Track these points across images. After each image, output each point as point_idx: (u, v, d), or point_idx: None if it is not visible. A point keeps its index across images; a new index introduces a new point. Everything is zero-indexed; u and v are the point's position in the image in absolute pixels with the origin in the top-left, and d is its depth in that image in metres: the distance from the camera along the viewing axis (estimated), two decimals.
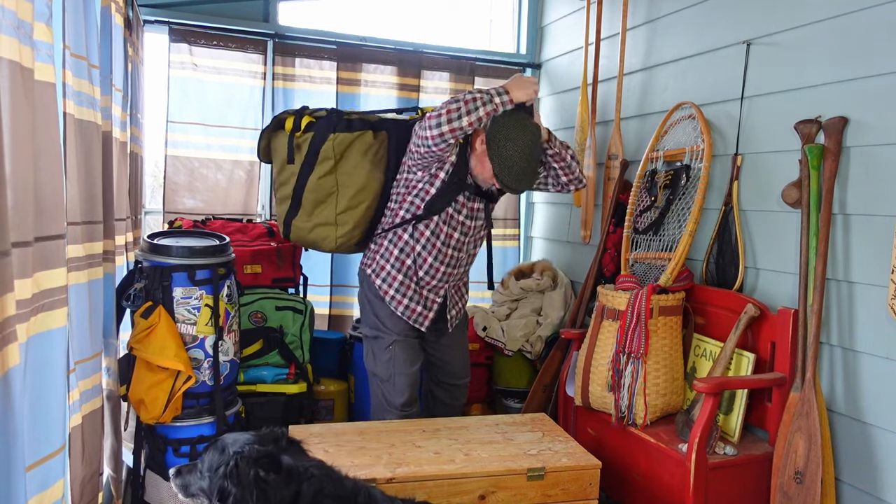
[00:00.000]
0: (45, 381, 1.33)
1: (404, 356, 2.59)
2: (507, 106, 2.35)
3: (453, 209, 2.53)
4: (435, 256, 2.55)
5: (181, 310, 2.29)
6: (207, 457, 1.63)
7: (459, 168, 2.51)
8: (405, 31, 4.21)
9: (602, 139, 3.40)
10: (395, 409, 2.60)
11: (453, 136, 2.31)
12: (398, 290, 2.58)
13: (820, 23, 2.27)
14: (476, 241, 2.67)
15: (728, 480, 2.21)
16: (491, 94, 2.33)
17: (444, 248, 2.55)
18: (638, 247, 2.82)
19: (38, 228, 1.26)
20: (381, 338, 2.61)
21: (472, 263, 2.75)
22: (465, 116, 2.28)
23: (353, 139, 2.58)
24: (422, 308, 2.61)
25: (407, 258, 2.56)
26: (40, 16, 1.26)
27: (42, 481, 1.31)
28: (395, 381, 2.59)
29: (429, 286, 2.60)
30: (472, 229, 2.61)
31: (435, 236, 2.53)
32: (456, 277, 2.66)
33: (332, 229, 2.63)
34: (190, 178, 3.49)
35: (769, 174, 2.45)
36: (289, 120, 2.63)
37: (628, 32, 3.19)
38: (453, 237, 2.56)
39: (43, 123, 1.27)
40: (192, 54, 3.43)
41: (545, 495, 2.12)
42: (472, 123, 2.30)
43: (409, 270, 2.57)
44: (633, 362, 2.41)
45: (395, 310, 2.58)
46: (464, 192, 2.53)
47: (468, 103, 2.29)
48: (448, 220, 2.53)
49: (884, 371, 2.05)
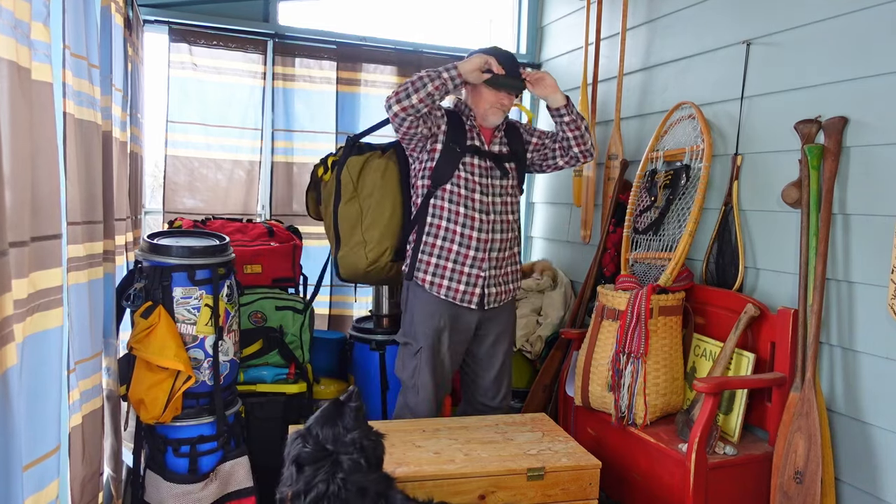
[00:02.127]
0: (42, 382, 1.33)
1: (430, 366, 2.55)
2: (456, 80, 2.41)
3: (464, 172, 2.52)
4: (462, 223, 2.51)
5: (181, 310, 2.29)
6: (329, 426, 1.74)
7: (454, 133, 2.53)
8: (405, 31, 4.21)
9: (602, 139, 3.40)
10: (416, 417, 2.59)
11: (407, 114, 2.39)
12: (435, 274, 2.54)
13: (820, 23, 2.27)
14: (507, 203, 2.60)
15: (728, 480, 2.20)
16: (439, 71, 2.40)
17: (468, 212, 2.51)
18: (638, 247, 2.81)
19: (35, 228, 1.26)
20: (410, 345, 2.61)
21: (513, 233, 2.64)
22: (414, 94, 2.37)
23: (364, 161, 2.69)
24: (465, 286, 2.53)
25: (436, 239, 2.54)
26: (38, 15, 1.26)
27: (38, 481, 1.31)
28: (418, 389, 2.58)
29: (469, 260, 2.52)
30: (493, 188, 2.56)
31: (455, 203, 2.51)
32: (498, 245, 2.56)
33: (361, 247, 2.68)
34: (190, 178, 3.49)
35: (769, 174, 2.45)
36: (320, 169, 2.83)
37: (628, 32, 3.19)
38: (474, 199, 2.52)
39: (40, 123, 1.27)
40: (192, 54, 3.43)
41: (545, 495, 2.11)
42: (423, 100, 2.37)
43: (441, 251, 2.53)
44: (633, 362, 2.41)
45: (437, 294, 2.53)
46: (467, 152, 2.53)
47: (415, 82, 2.38)
48: (463, 183, 2.51)
49: (884, 371, 2.05)
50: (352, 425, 1.72)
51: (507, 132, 2.68)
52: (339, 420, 1.73)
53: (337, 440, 1.70)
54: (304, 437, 1.72)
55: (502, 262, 2.61)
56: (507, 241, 2.61)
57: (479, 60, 2.43)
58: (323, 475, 1.64)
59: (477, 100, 2.56)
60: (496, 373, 2.68)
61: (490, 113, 2.55)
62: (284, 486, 1.70)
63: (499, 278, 2.60)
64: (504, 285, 2.63)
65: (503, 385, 2.71)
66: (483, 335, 2.65)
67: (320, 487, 1.63)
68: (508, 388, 2.75)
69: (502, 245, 2.59)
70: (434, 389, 2.57)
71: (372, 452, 1.72)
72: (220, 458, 2.36)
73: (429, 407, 2.58)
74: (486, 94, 2.53)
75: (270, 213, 3.65)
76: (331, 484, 1.63)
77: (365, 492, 1.66)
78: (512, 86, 2.52)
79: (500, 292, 2.61)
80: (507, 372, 2.72)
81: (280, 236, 3.11)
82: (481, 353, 2.67)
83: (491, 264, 2.56)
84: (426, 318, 2.56)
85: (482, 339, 2.66)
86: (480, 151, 2.56)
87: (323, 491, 1.62)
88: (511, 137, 2.68)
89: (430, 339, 2.55)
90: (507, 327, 2.71)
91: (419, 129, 2.47)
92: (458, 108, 2.64)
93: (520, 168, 2.69)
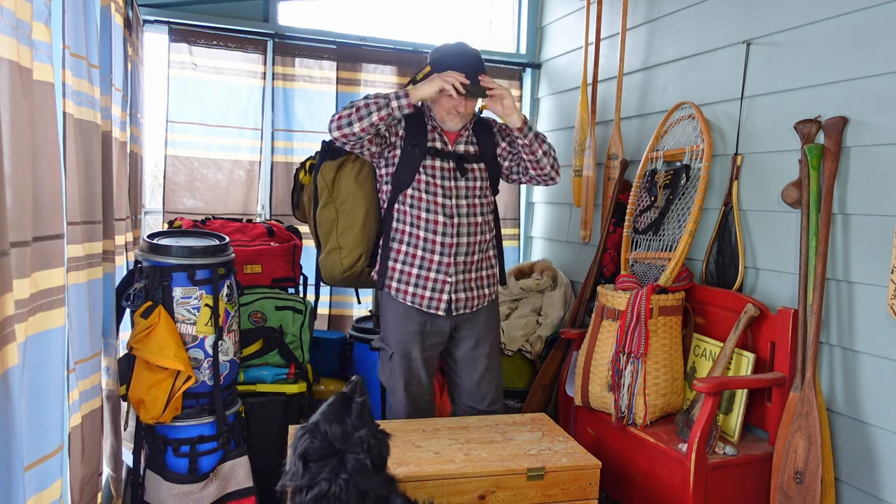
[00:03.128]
0: (43, 381, 1.33)
1: (402, 371, 2.53)
2: (404, 109, 2.32)
3: (425, 175, 2.46)
4: (426, 228, 2.45)
5: (181, 309, 2.29)
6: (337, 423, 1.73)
7: (413, 134, 2.48)
8: (405, 31, 4.21)
9: (602, 139, 3.40)
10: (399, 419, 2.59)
11: (348, 140, 2.35)
12: (400, 280, 2.51)
13: (820, 23, 2.27)
14: (474, 205, 2.51)
15: (728, 480, 2.20)
16: (388, 99, 2.31)
17: (431, 216, 2.45)
18: (638, 247, 2.81)
19: (37, 228, 1.26)
20: (384, 349, 2.60)
21: (483, 235, 2.53)
22: (357, 123, 2.30)
23: (338, 165, 2.63)
24: (431, 292, 2.47)
25: (401, 244, 2.50)
26: (39, 15, 1.26)
27: (40, 481, 1.31)
28: (395, 393, 2.58)
29: (434, 265, 2.46)
30: (457, 189, 2.48)
31: (416, 208, 2.46)
32: (464, 250, 2.48)
33: (336, 253, 2.65)
34: (190, 177, 3.49)
35: (769, 174, 2.45)
36: (300, 173, 2.80)
37: (628, 32, 3.19)
38: (437, 202, 2.45)
39: (41, 123, 1.27)
40: (192, 54, 3.43)
41: (545, 495, 2.11)
42: (365, 129, 2.31)
43: (406, 257, 2.50)
44: (633, 362, 2.41)
45: (403, 301, 2.50)
46: (427, 154, 2.47)
47: (360, 109, 2.31)
48: (424, 186, 2.45)
49: (884, 371, 2.05)
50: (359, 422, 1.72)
51: (477, 131, 2.59)
52: (346, 416, 1.73)
53: (345, 438, 1.69)
54: (312, 432, 1.71)
55: (471, 266, 2.52)
56: (475, 245, 2.51)
57: (435, 86, 2.33)
58: (327, 473, 1.64)
59: (435, 104, 2.49)
60: (479, 376, 2.61)
61: (448, 118, 2.48)
62: (287, 479, 1.70)
63: (468, 283, 2.52)
64: (475, 290, 2.55)
65: (490, 389, 2.63)
66: (461, 338, 2.59)
67: (322, 486, 1.63)
68: (497, 392, 2.67)
69: (470, 249, 2.50)
70: (408, 392, 2.56)
71: (377, 452, 1.72)
72: (220, 458, 2.36)
73: (407, 409, 2.56)
74: (442, 99, 2.44)
75: (270, 213, 3.65)
76: (332, 484, 1.63)
77: (365, 495, 1.65)
78: (469, 91, 2.38)
79: (470, 297, 2.53)
80: (494, 375, 2.64)
81: (280, 236, 3.11)
82: (459, 355, 2.62)
83: (458, 269, 2.48)
84: (396, 322, 2.53)
85: (460, 341, 2.60)
86: (442, 153, 2.49)
87: (325, 490, 1.62)
88: (481, 136, 2.58)
89: (400, 344, 2.53)
90: (488, 331, 2.62)
91: (364, 150, 2.44)
92: (421, 107, 2.56)
93: (491, 168, 2.58)
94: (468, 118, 2.52)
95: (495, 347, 2.67)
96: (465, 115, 2.49)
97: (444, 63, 2.42)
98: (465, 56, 2.46)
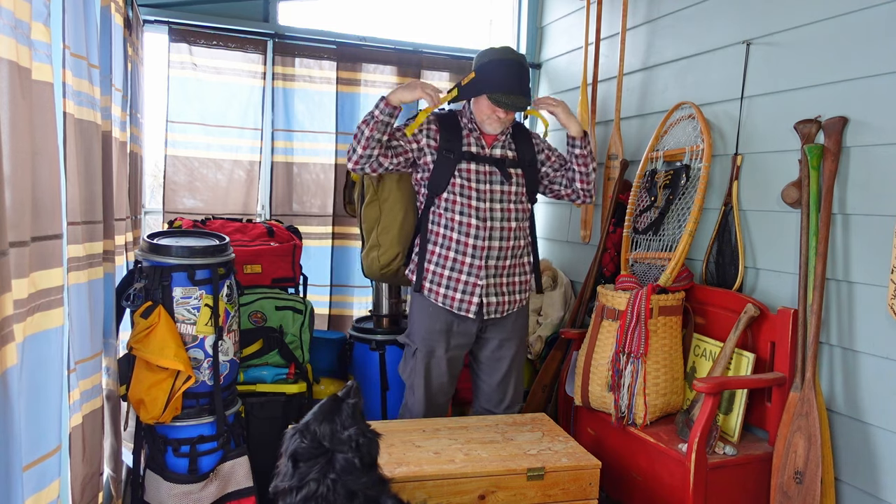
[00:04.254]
0: (42, 382, 1.33)
1: (424, 368, 2.55)
2: (385, 111, 2.37)
3: (460, 178, 2.48)
4: (459, 231, 2.48)
5: (181, 310, 2.29)
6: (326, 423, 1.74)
7: (448, 139, 2.50)
8: (405, 31, 4.21)
9: (602, 139, 3.40)
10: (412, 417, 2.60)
11: (362, 165, 2.44)
12: (433, 281, 2.53)
13: (820, 23, 2.27)
14: (509, 210, 2.51)
15: (728, 480, 2.20)
16: (372, 112, 2.39)
17: (465, 219, 2.47)
18: (638, 247, 2.81)
19: (36, 228, 1.27)
20: (409, 345, 2.63)
21: (517, 241, 2.54)
22: (359, 147, 2.40)
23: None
24: (462, 294, 2.49)
25: (435, 246, 2.53)
26: (38, 15, 1.26)
27: (39, 481, 1.31)
28: (414, 390, 2.59)
29: (466, 267, 2.48)
30: (492, 193, 2.49)
31: (451, 211, 2.49)
32: (496, 254, 2.49)
33: (375, 250, 2.70)
34: (190, 177, 3.49)
35: (769, 174, 2.45)
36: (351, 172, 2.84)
37: (628, 32, 3.19)
38: (471, 206, 2.47)
39: (41, 123, 1.27)
40: (192, 54, 3.43)
41: (545, 495, 2.11)
42: (367, 146, 2.39)
43: (439, 258, 2.52)
44: (633, 362, 2.41)
45: (435, 301, 2.52)
46: (462, 159, 2.49)
47: (357, 136, 2.41)
48: (459, 190, 2.48)
49: (884, 371, 2.05)
50: (349, 422, 1.72)
51: (516, 137, 2.62)
52: (336, 416, 1.73)
53: (333, 437, 1.70)
54: (302, 432, 1.72)
55: (503, 270, 2.53)
56: (508, 250, 2.52)
57: (414, 94, 2.39)
58: (315, 474, 1.64)
59: (476, 107, 2.52)
60: (500, 378, 2.62)
61: (486, 123, 2.50)
62: (278, 480, 1.71)
63: (500, 287, 2.53)
64: (507, 295, 2.55)
65: (508, 392, 2.64)
66: (487, 339, 2.61)
67: (311, 486, 1.63)
68: (516, 395, 2.68)
69: (502, 253, 2.51)
70: (428, 391, 2.57)
71: (367, 451, 1.72)
72: (219, 458, 2.36)
73: (423, 407, 2.58)
74: (483, 105, 2.47)
75: (270, 213, 3.65)
76: (321, 485, 1.63)
77: (354, 495, 1.65)
78: (509, 104, 2.40)
79: (501, 303, 2.54)
80: (514, 379, 2.65)
81: (280, 236, 3.11)
82: (483, 356, 2.64)
83: (489, 272, 2.50)
84: (424, 320, 2.56)
85: (485, 342, 2.62)
86: (478, 157, 2.51)
87: (313, 490, 1.62)
88: (520, 143, 2.61)
89: (425, 341, 2.55)
90: (514, 333, 2.63)
91: (388, 165, 2.47)
92: (462, 111, 2.60)
93: (528, 175, 2.59)
94: (508, 123, 2.54)
95: (520, 352, 2.68)
96: (506, 121, 2.51)
97: (486, 72, 2.41)
98: (509, 67, 2.42)
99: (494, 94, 2.39)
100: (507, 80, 2.39)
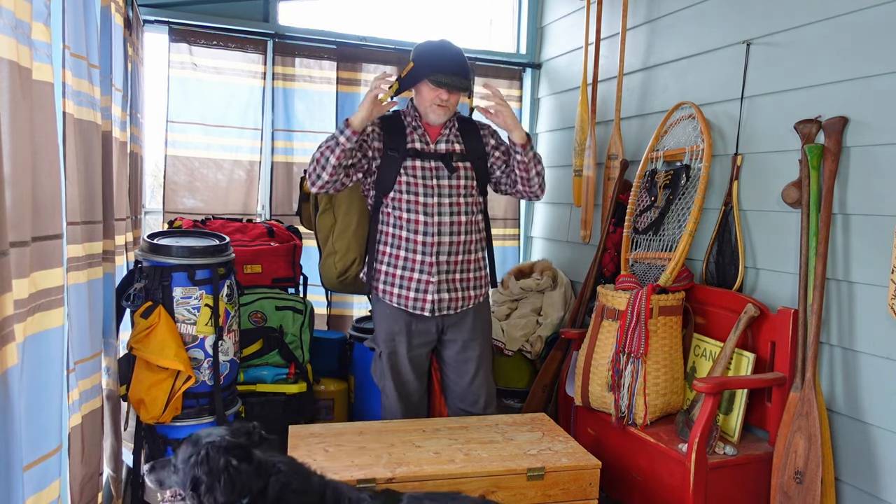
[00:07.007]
0: (42, 381, 1.33)
1: (391, 370, 2.54)
2: (352, 139, 2.28)
3: (406, 176, 2.43)
4: (408, 228, 2.43)
5: (181, 310, 2.29)
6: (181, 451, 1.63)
7: (391, 139, 2.46)
8: (405, 31, 4.21)
9: (602, 139, 3.40)
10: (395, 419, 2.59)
11: (327, 188, 2.37)
12: (386, 282, 2.50)
13: (820, 23, 2.27)
14: (458, 204, 2.46)
15: (728, 480, 2.20)
16: (336, 137, 2.30)
17: (413, 216, 2.42)
18: (638, 247, 2.81)
19: (36, 228, 1.27)
20: (374, 349, 2.62)
21: (468, 235, 2.49)
22: (323, 172, 2.32)
23: None
24: (415, 293, 2.45)
25: (385, 246, 2.49)
26: (38, 15, 1.26)
27: (39, 481, 1.31)
28: (386, 393, 2.58)
29: (417, 265, 2.44)
30: (439, 188, 2.44)
31: (399, 209, 2.44)
32: (447, 249, 2.45)
33: (332, 257, 2.74)
34: (190, 177, 3.49)
35: (769, 174, 2.45)
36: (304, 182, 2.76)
37: (628, 32, 3.19)
38: (419, 202, 2.42)
39: (41, 123, 1.27)
40: (192, 54, 3.43)
41: (545, 495, 2.11)
42: (334, 173, 2.31)
43: (390, 258, 2.48)
44: (633, 362, 2.41)
45: (390, 302, 2.50)
46: (407, 156, 2.45)
47: (318, 160, 2.32)
48: (406, 188, 2.43)
49: (884, 371, 2.05)
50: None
51: (463, 129, 2.55)
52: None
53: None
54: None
55: (455, 266, 2.48)
56: (459, 244, 2.47)
57: (368, 101, 2.29)
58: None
59: (418, 98, 2.47)
60: (470, 378, 2.58)
61: (431, 111, 2.43)
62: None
63: (452, 283, 2.48)
64: (460, 291, 2.50)
65: (482, 392, 2.60)
66: (449, 340, 2.57)
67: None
68: (490, 396, 2.64)
69: (453, 248, 2.46)
70: (399, 391, 2.56)
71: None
72: None
73: (400, 407, 2.56)
74: (425, 91, 2.42)
75: (270, 213, 3.65)
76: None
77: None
78: (449, 84, 2.37)
79: (454, 298, 2.49)
80: (485, 379, 2.61)
81: (280, 236, 3.12)
82: (449, 357, 2.60)
83: (441, 268, 2.45)
84: (383, 322, 2.54)
85: (448, 344, 2.58)
86: (422, 153, 2.47)
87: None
88: (467, 136, 2.54)
89: (387, 343, 2.54)
90: (476, 334, 2.57)
91: (346, 185, 2.44)
92: (405, 110, 2.54)
93: (478, 167, 2.53)
94: (452, 111, 2.48)
95: (485, 350, 2.63)
96: (449, 105, 2.44)
97: (425, 57, 2.40)
98: (445, 50, 2.43)
99: (434, 76, 2.36)
100: (445, 62, 2.38)
